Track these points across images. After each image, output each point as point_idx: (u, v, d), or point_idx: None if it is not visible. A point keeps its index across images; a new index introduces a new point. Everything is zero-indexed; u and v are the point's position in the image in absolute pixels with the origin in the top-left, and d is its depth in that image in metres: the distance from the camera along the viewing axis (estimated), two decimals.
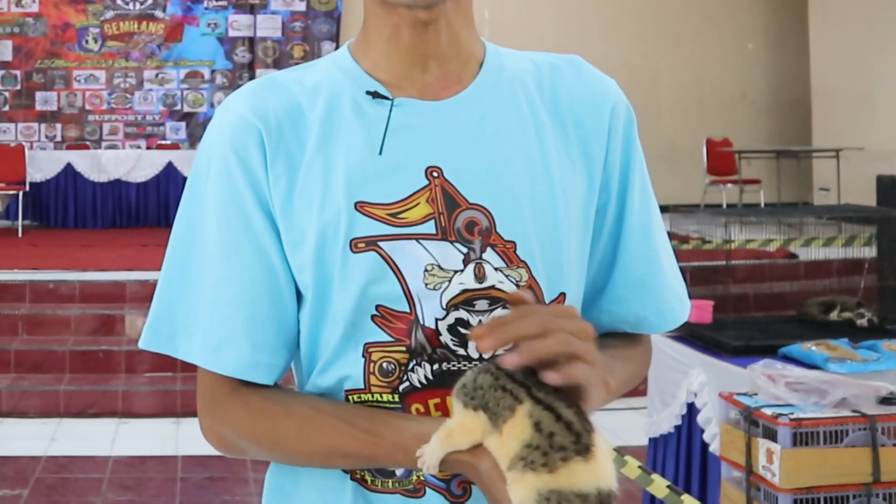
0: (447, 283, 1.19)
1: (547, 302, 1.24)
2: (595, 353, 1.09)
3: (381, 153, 1.21)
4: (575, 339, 1.07)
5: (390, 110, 1.23)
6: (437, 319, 1.20)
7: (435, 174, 1.21)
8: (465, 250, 1.20)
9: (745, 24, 14.64)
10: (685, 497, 2.69)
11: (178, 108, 13.66)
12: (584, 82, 1.32)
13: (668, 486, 2.76)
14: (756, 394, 2.95)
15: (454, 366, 1.20)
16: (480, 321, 1.20)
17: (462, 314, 1.20)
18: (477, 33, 1.31)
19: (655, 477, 2.81)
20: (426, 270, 1.19)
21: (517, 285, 1.21)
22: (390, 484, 1.23)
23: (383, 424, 1.18)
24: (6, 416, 6.70)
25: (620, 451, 2.95)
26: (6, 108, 13.54)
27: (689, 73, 14.41)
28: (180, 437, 6.18)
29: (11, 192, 11.78)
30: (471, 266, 1.20)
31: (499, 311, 1.20)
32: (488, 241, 1.21)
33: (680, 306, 1.37)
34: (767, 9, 14.74)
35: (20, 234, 11.25)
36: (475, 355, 1.20)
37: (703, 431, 3.64)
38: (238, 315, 1.22)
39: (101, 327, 7.44)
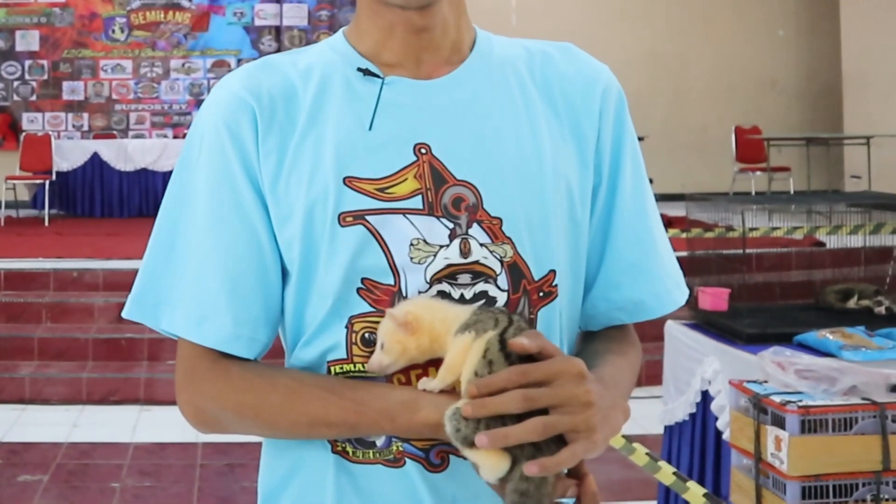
0: (432, 257, 1.21)
1: (536, 280, 1.25)
2: (585, 421, 1.11)
3: (370, 129, 1.24)
4: (558, 419, 1.10)
5: (381, 88, 1.26)
6: (419, 292, 1.21)
7: (423, 151, 1.24)
8: (451, 226, 1.22)
9: (775, 10, 14.51)
10: (690, 483, 2.68)
11: (205, 97, 13.66)
12: (576, 66, 1.34)
13: (674, 473, 2.76)
14: (766, 381, 2.91)
15: None
16: (462, 294, 1.22)
17: (445, 287, 1.22)
18: (468, 19, 1.33)
19: (662, 464, 2.80)
20: (412, 244, 1.21)
21: (501, 261, 1.23)
22: (371, 454, 1.24)
23: (367, 393, 1.20)
24: (29, 403, 6.76)
25: (629, 439, 2.94)
26: (33, 98, 13.68)
27: (718, 60, 14.30)
28: None
29: (38, 182, 11.89)
30: (456, 241, 1.22)
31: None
32: (475, 217, 1.23)
33: (677, 289, 1.37)
34: None
35: (46, 223, 11.34)
36: None
37: (716, 419, 3.60)
38: (222, 288, 1.23)
39: None
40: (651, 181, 1.38)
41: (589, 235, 1.32)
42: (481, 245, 1.22)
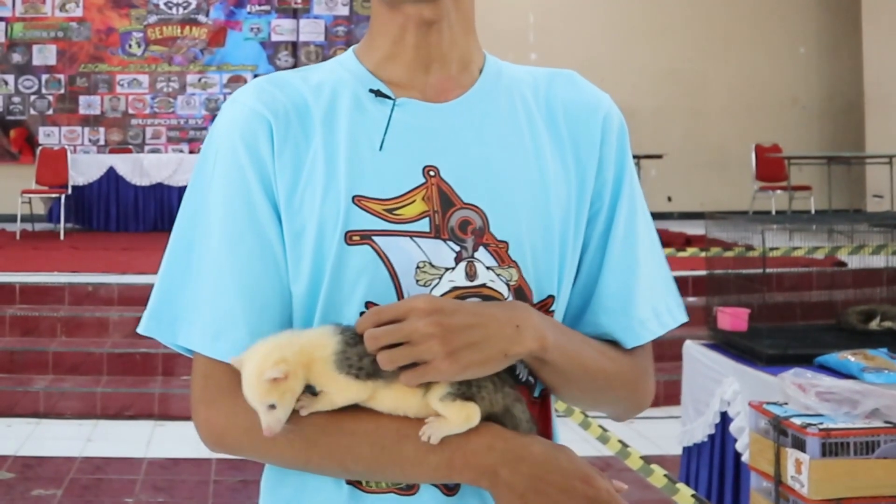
0: (438, 280, 1.21)
1: (535, 304, 1.25)
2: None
3: (380, 149, 1.24)
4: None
5: (392, 109, 1.27)
6: None
7: (432, 173, 1.24)
8: (457, 248, 1.22)
9: (796, 28, 14.49)
10: None
11: None
12: (578, 94, 1.36)
13: (692, 496, 2.71)
14: (786, 403, 2.88)
15: None
16: None
17: None
18: (478, 42, 1.36)
19: (681, 486, 2.77)
20: (418, 267, 1.21)
21: (507, 285, 1.23)
22: (384, 484, 1.22)
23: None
24: (44, 417, 6.75)
25: (647, 460, 2.89)
26: (50, 112, 13.78)
27: (739, 78, 14.28)
28: None
29: (54, 195, 11.92)
30: (462, 264, 1.22)
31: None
32: (481, 240, 1.23)
33: (655, 319, 1.35)
34: (819, 12, 14.57)
35: (62, 237, 11.39)
36: None
37: (736, 441, 3.56)
38: (238, 303, 1.22)
39: None
40: (669, 199, 1.37)
41: (586, 261, 1.33)
42: (487, 268, 1.23)
